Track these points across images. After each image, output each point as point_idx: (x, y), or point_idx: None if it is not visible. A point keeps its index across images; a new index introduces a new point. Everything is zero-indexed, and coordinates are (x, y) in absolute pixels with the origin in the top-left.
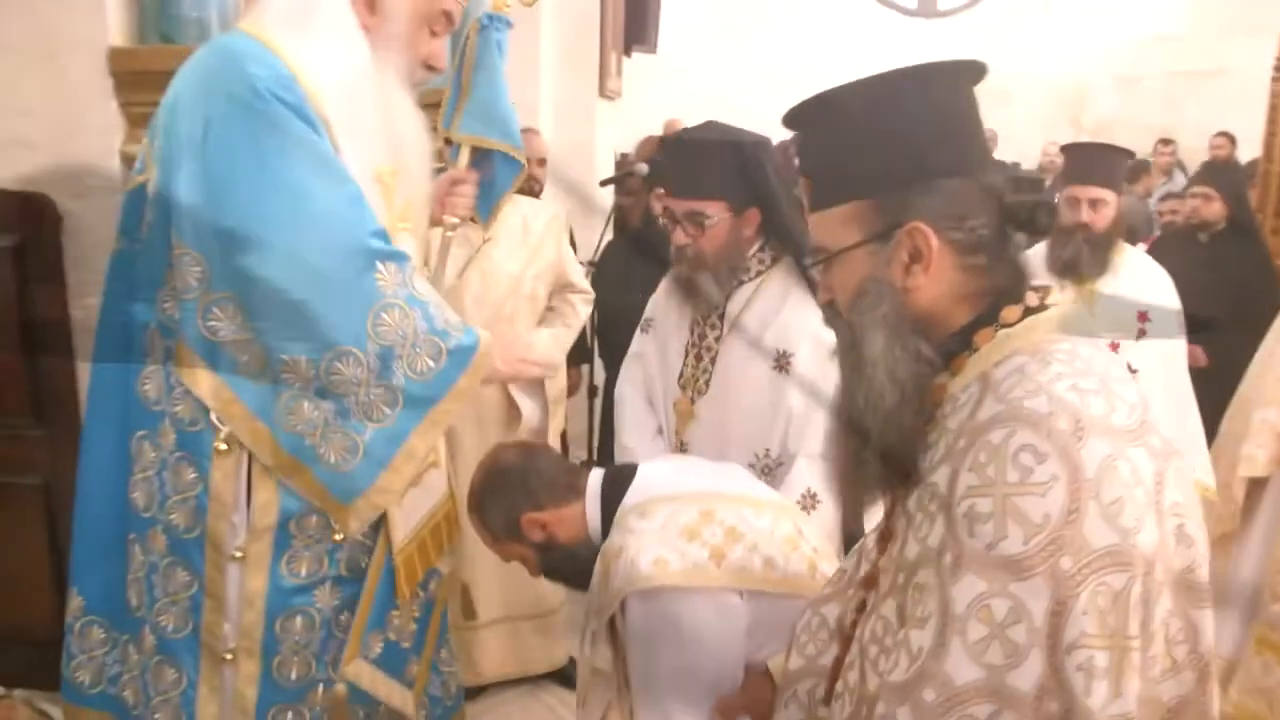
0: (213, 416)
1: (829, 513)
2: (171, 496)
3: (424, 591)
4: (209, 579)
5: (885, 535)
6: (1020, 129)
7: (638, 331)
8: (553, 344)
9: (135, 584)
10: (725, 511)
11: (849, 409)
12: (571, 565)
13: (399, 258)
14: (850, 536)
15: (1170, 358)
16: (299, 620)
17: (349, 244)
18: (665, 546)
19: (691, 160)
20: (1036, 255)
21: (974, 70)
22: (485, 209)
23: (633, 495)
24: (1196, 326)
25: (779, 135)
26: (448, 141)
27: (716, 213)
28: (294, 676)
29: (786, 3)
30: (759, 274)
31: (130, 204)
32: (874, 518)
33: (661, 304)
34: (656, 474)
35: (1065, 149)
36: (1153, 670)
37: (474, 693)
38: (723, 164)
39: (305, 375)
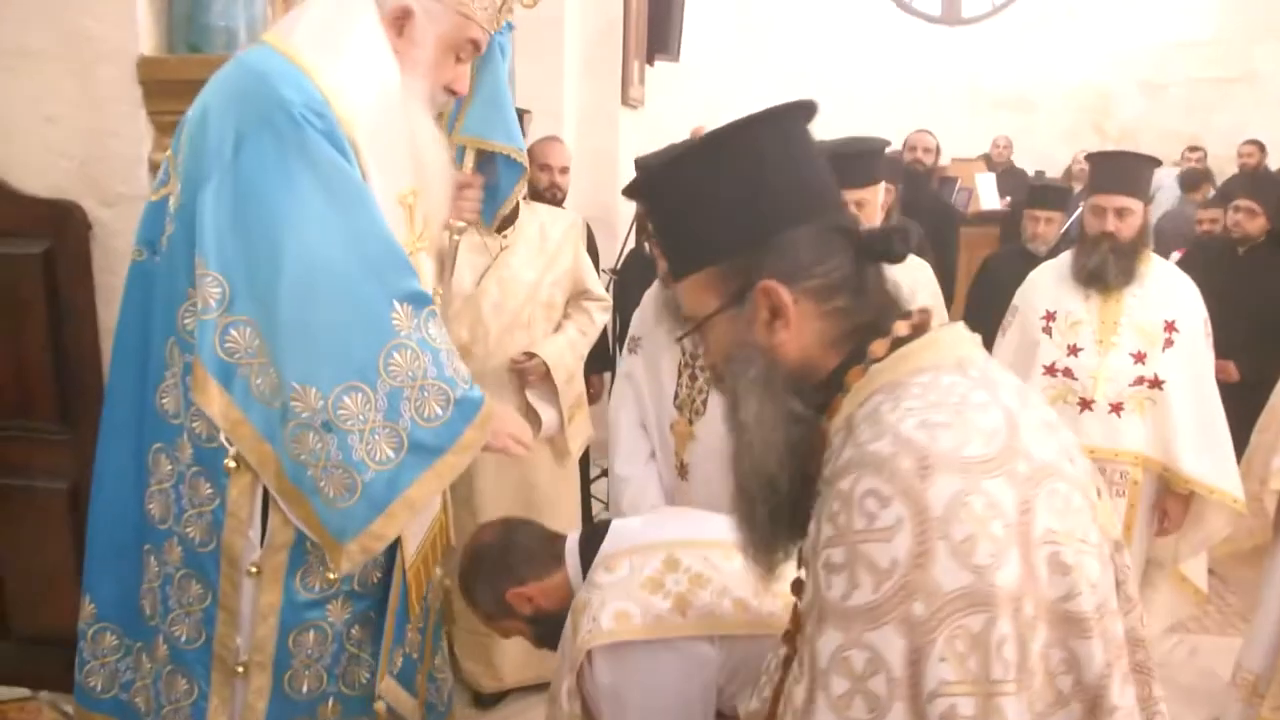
0: (222, 435)
1: None
2: (188, 510)
3: (423, 603)
4: (223, 593)
5: (796, 586)
6: (1044, 136)
7: (625, 351)
8: (567, 350)
9: (150, 594)
10: (690, 558)
11: (737, 472)
12: (560, 631)
13: (417, 299)
14: None
15: (1198, 369)
16: (311, 634)
17: (372, 277)
18: (628, 599)
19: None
20: (1063, 264)
21: (804, 111)
22: (490, 213)
23: (602, 550)
24: (1231, 341)
25: None
26: None
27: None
28: (304, 690)
29: (809, 11)
30: None
31: (151, 216)
32: None
33: (649, 322)
34: (626, 528)
35: (1090, 158)
36: (1037, 705)
37: (496, 698)
38: None
39: (313, 406)
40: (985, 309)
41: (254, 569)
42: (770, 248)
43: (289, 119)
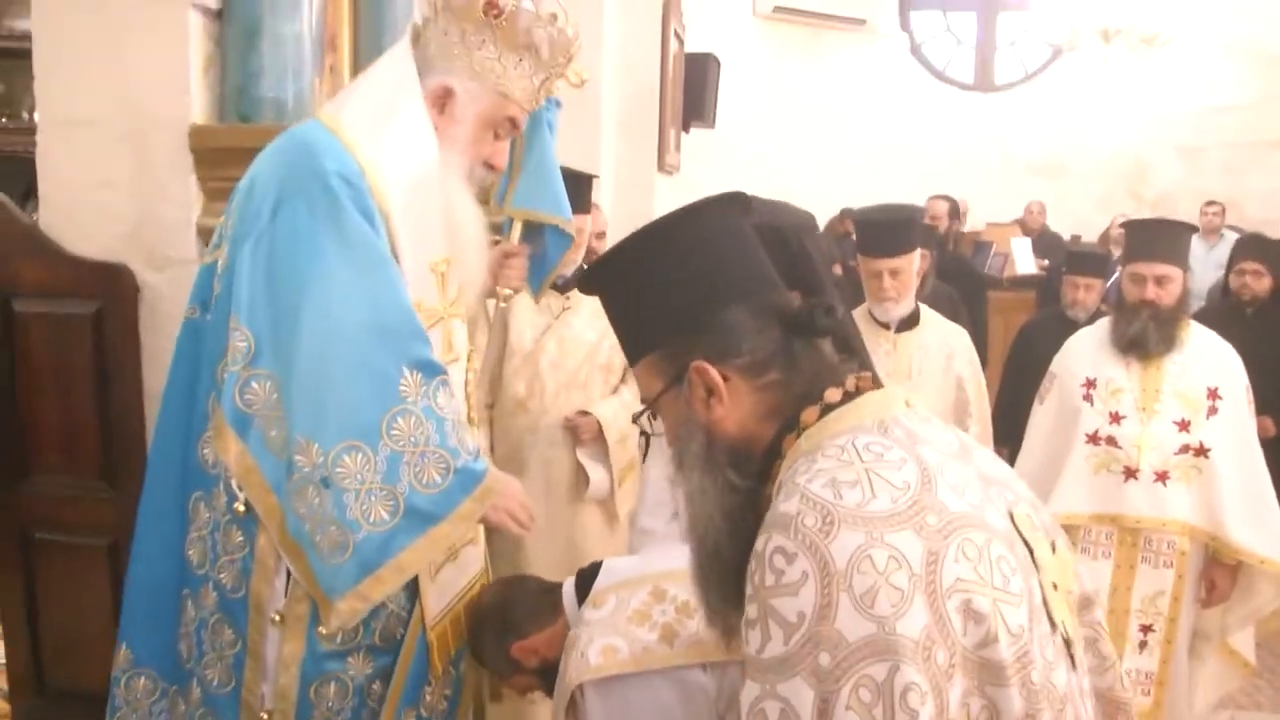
0: (232, 481)
1: None
2: (222, 556)
3: (455, 669)
4: (251, 640)
5: None
6: (1079, 202)
7: None
8: (622, 411)
9: (186, 637)
10: (677, 588)
11: (688, 542)
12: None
13: (428, 368)
14: None
15: (1243, 436)
16: (332, 686)
17: (385, 343)
18: (615, 634)
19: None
20: (1101, 331)
21: (733, 201)
22: (537, 281)
23: (593, 589)
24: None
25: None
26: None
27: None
28: None
29: (843, 79)
30: None
31: (203, 277)
32: None
33: None
34: (616, 565)
35: (1126, 226)
36: None
37: None
38: (762, 243)
39: (314, 460)
40: (1024, 375)
41: (278, 617)
42: (703, 330)
43: (323, 186)
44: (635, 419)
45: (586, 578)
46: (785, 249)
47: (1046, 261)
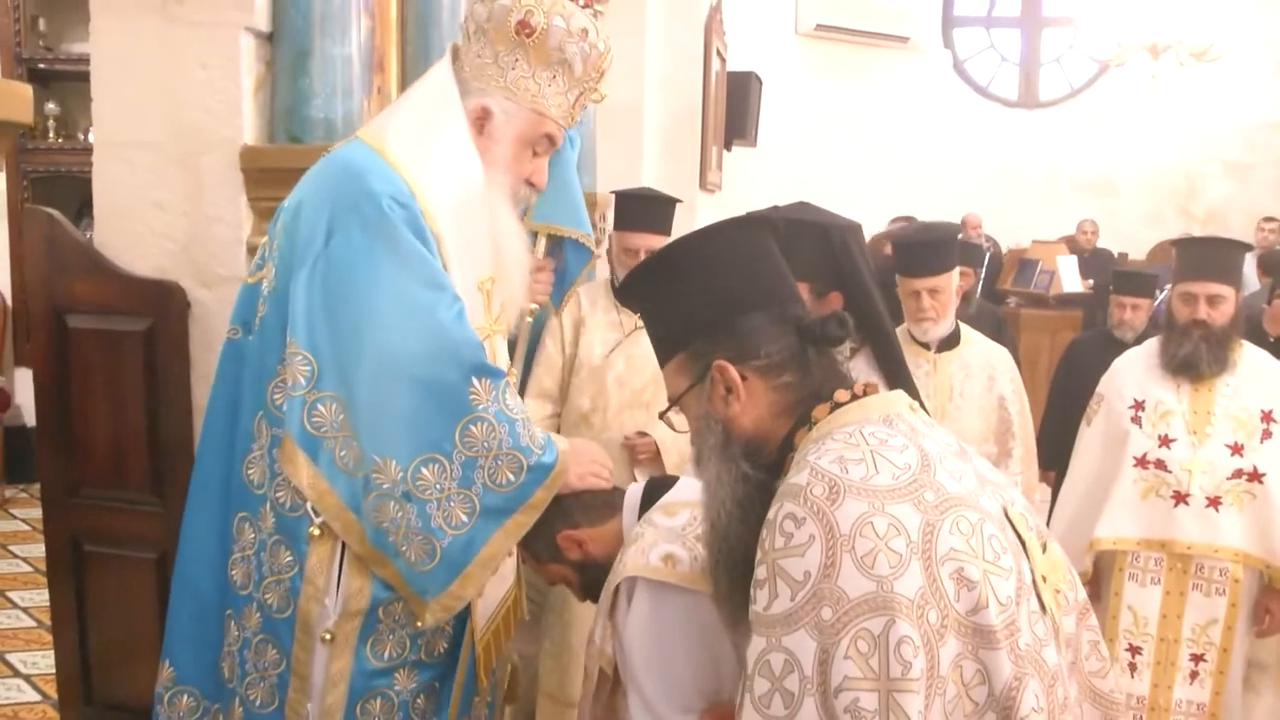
0: (307, 505)
1: None
2: (267, 577)
3: (491, 677)
4: (296, 659)
5: None
6: (1126, 219)
7: None
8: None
9: (229, 657)
10: None
11: (703, 529)
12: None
13: (495, 374)
14: None
15: None
16: (379, 702)
17: (449, 358)
18: (680, 545)
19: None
20: (1150, 351)
21: (765, 223)
22: (558, 295)
23: (665, 498)
24: None
25: (877, 227)
26: None
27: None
28: None
29: (886, 96)
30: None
31: (246, 297)
32: None
33: None
34: (694, 484)
35: (1177, 244)
36: (955, 715)
37: None
38: (808, 245)
39: (393, 477)
40: (1070, 395)
41: (328, 635)
42: (724, 334)
43: (376, 209)
44: (661, 415)
45: (656, 489)
46: (828, 245)
47: (1092, 281)
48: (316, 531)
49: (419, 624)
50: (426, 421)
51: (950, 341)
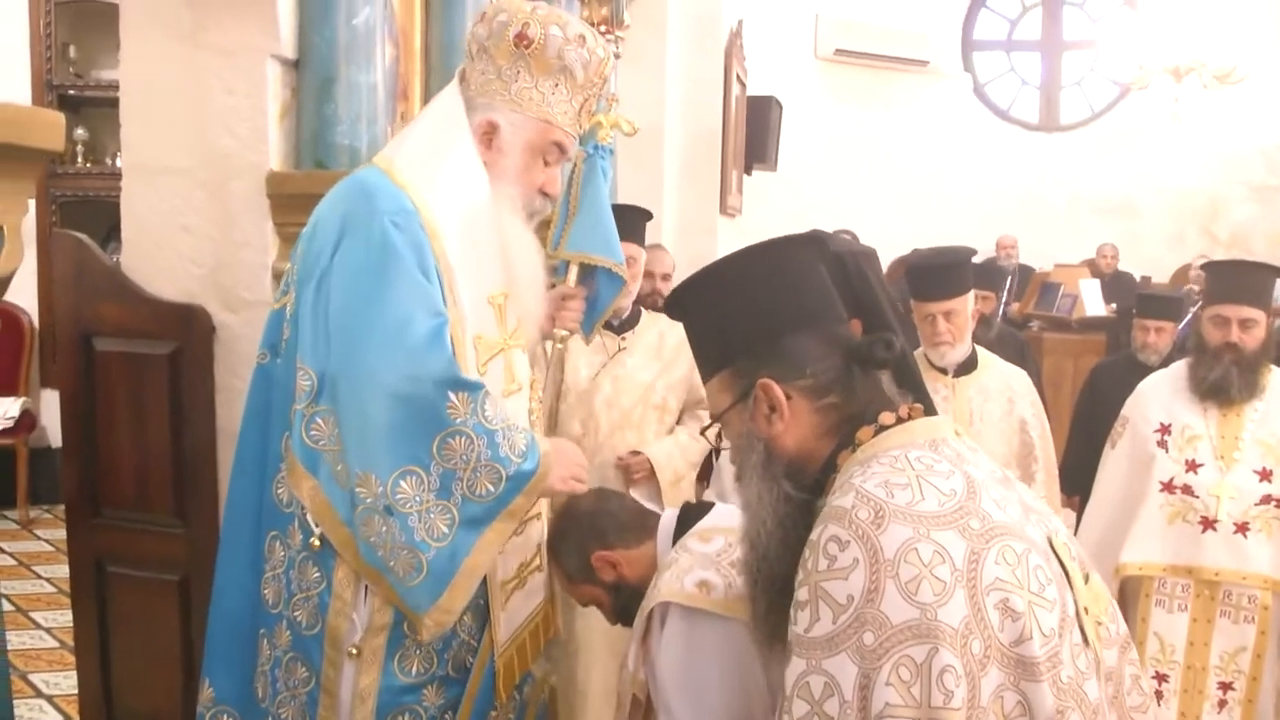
0: (308, 517)
1: None
2: (296, 594)
3: (519, 694)
4: (325, 675)
5: None
6: (1149, 242)
7: (715, 458)
8: (677, 453)
9: (262, 676)
10: None
11: (746, 555)
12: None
13: (472, 387)
14: None
15: None
16: (407, 718)
17: (424, 372)
18: (714, 572)
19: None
20: (1177, 375)
21: (815, 241)
22: (589, 323)
23: (700, 524)
24: None
25: (899, 250)
26: None
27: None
28: None
29: (907, 120)
30: None
31: (273, 322)
32: None
33: None
34: (729, 510)
35: (1207, 267)
36: None
37: None
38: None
39: (375, 492)
40: (1095, 419)
41: (355, 650)
42: (770, 353)
43: (380, 227)
44: (703, 432)
45: (692, 511)
46: (843, 273)
47: (1115, 305)
48: (316, 542)
49: (417, 638)
50: (405, 436)
51: (968, 365)
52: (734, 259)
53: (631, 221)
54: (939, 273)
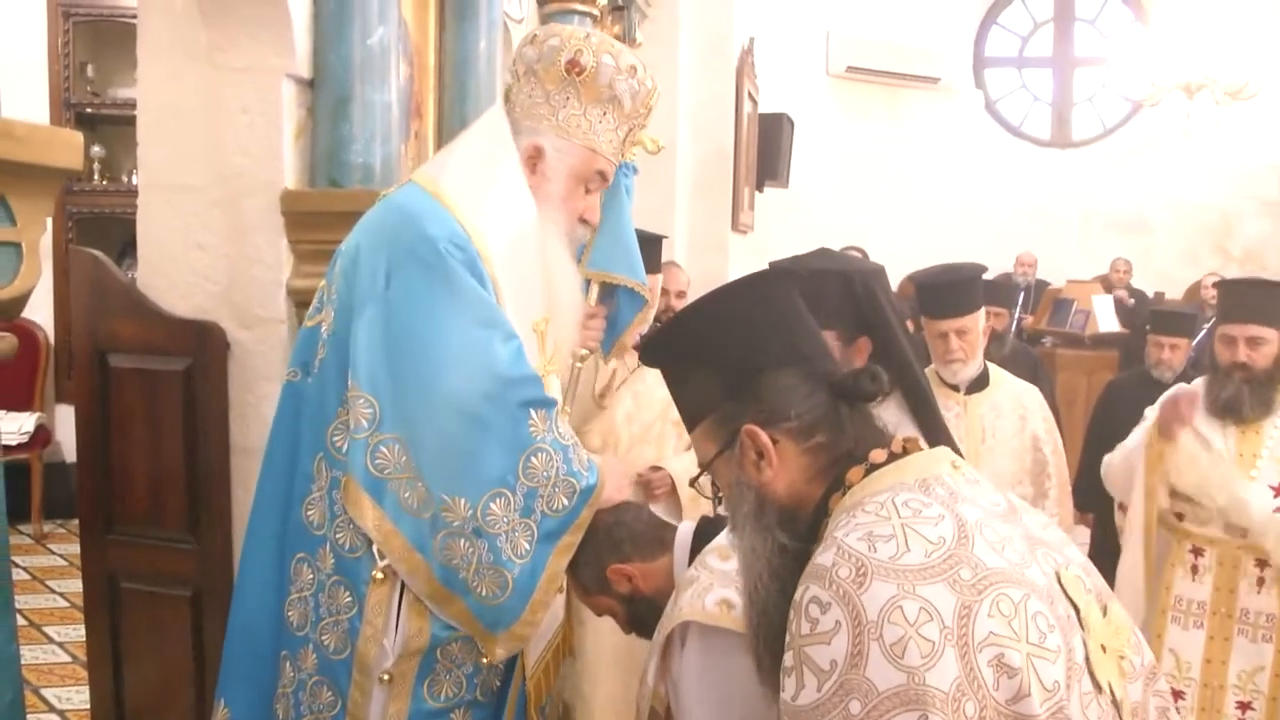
0: (374, 548)
1: None
2: (325, 618)
3: (542, 716)
4: (352, 700)
5: None
6: (1161, 258)
7: None
8: (693, 466)
9: (284, 699)
10: None
11: (745, 610)
12: (655, 617)
13: (548, 404)
14: None
15: None
16: None
17: (508, 394)
18: (735, 590)
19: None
20: (1197, 390)
21: (786, 275)
22: (609, 342)
23: (718, 540)
24: None
25: (910, 267)
26: None
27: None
28: None
29: (918, 137)
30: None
31: (305, 340)
32: None
33: None
34: None
35: (1219, 285)
36: None
37: None
38: (832, 293)
39: (463, 515)
40: (1109, 435)
41: (386, 676)
42: (752, 396)
43: (434, 252)
44: (692, 482)
45: (709, 526)
46: (851, 291)
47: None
48: (379, 575)
49: (485, 660)
50: (494, 459)
51: (980, 383)
52: (705, 303)
53: (646, 252)
54: (950, 290)
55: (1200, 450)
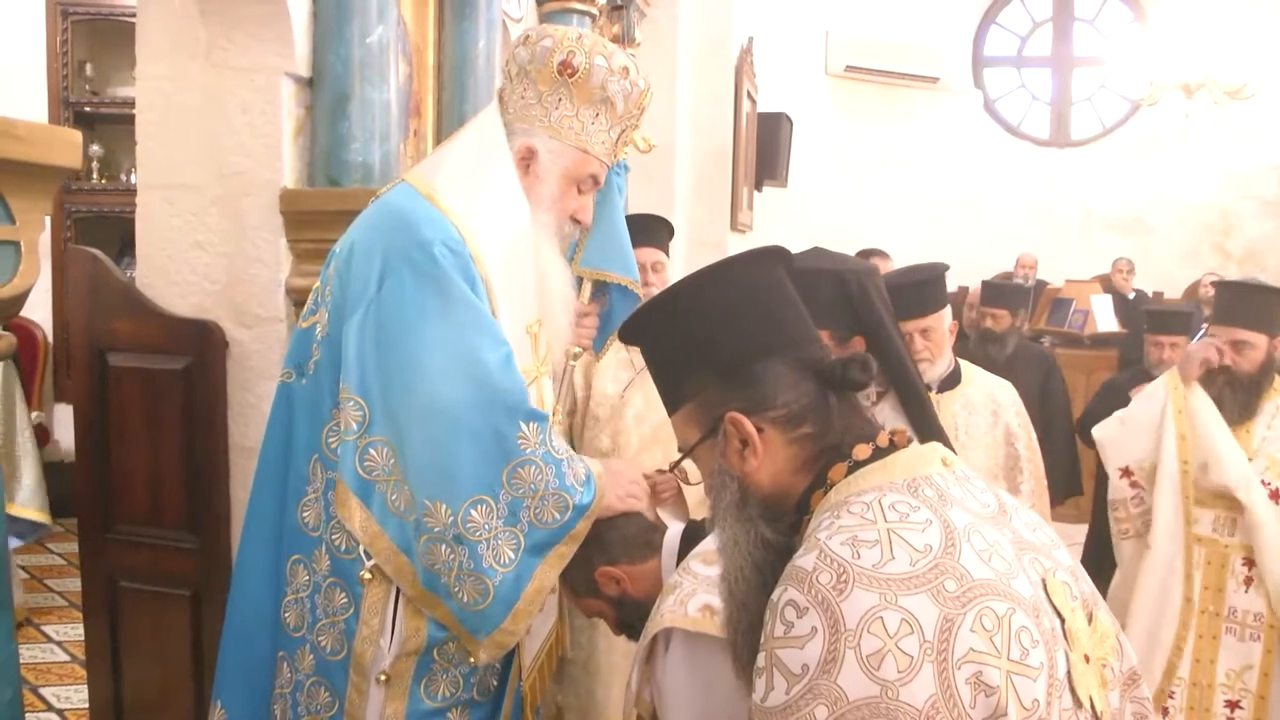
0: (360, 549)
1: None
2: (322, 619)
3: (536, 717)
4: (349, 700)
5: None
6: (1161, 258)
7: None
8: None
9: (280, 700)
10: None
11: (724, 604)
12: (644, 620)
13: (541, 417)
14: None
15: None
16: None
17: (497, 405)
18: (717, 596)
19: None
20: None
21: (777, 255)
22: (601, 340)
23: (703, 545)
24: None
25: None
26: None
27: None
28: None
29: (917, 137)
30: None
31: (299, 341)
32: None
33: None
34: None
35: (1216, 286)
36: None
37: None
38: (826, 293)
39: (444, 521)
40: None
41: (383, 676)
42: (738, 382)
43: (427, 256)
44: (671, 468)
45: (696, 531)
46: (845, 291)
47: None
48: (367, 575)
49: (472, 661)
50: (476, 467)
51: (951, 380)
52: (693, 280)
53: (655, 229)
54: (911, 290)
55: (1200, 406)
